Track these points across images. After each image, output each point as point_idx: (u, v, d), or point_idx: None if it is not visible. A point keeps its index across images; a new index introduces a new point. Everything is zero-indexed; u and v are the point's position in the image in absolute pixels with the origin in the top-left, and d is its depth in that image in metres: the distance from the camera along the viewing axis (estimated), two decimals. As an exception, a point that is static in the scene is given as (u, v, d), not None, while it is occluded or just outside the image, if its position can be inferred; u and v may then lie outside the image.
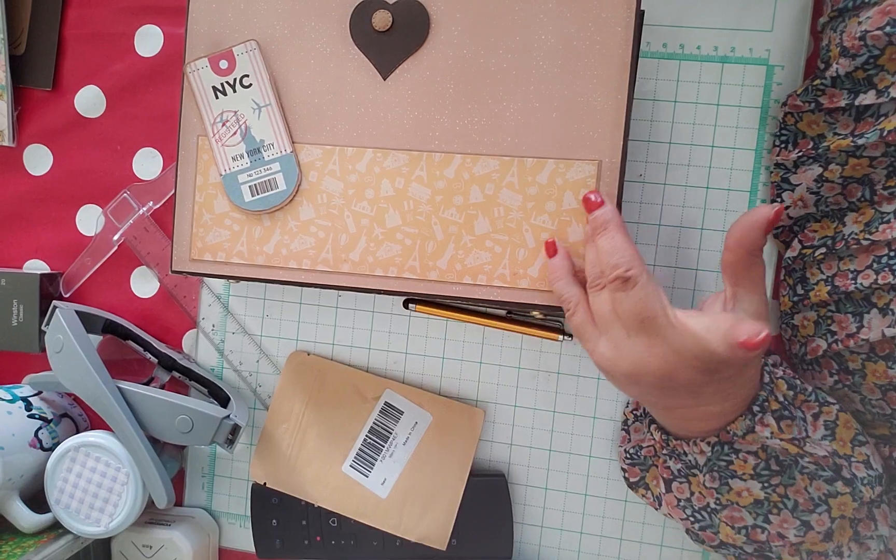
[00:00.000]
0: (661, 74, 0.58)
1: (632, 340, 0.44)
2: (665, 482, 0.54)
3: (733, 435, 0.48)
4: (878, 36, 0.47)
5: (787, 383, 0.49)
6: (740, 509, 0.50)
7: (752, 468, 0.49)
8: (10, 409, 0.59)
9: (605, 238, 0.46)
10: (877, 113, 0.49)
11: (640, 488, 0.58)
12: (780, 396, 0.48)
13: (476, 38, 0.51)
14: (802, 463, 0.48)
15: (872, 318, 0.49)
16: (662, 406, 0.49)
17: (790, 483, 0.49)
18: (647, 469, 0.57)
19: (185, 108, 0.54)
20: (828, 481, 0.48)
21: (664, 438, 0.52)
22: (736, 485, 0.50)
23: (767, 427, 0.47)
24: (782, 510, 0.49)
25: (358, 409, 0.61)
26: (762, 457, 0.49)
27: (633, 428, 0.58)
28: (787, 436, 0.47)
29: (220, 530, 0.66)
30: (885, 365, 0.49)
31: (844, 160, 0.51)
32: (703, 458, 0.49)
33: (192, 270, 0.55)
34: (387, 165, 0.52)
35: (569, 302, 0.48)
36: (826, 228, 0.54)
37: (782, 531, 0.50)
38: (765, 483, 0.49)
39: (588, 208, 0.48)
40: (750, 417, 0.47)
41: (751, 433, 0.47)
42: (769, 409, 0.47)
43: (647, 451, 0.56)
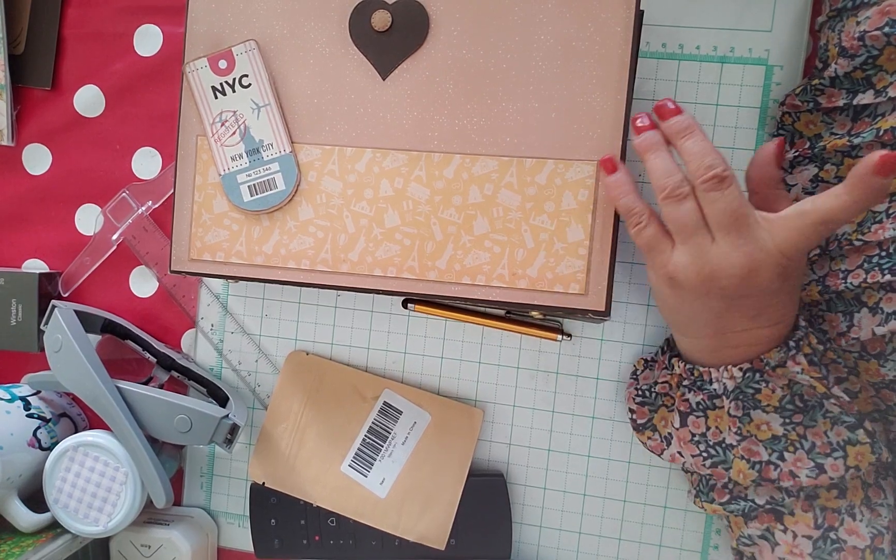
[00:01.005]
0: (661, 74, 0.58)
1: (718, 243, 0.45)
2: (681, 416, 0.54)
3: (766, 364, 0.48)
4: (877, 36, 0.47)
5: (817, 338, 0.49)
6: (757, 443, 0.51)
7: (778, 400, 0.49)
8: (8, 408, 0.59)
9: (693, 140, 0.46)
10: (874, 112, 0.50)
11: (647, 430, 0.58)
12: (812, 346, 0.49)
13: (475, 38, 0.51)
14: (827, 405, 0.49)
15: (862, 317, 0.50)
16: (716, 327, 0.49)
17: (811, 424, 0.49)
18: (656, 409, 0.57)
19: (184, 107, 0.54)
20: (850, 428, 0.49)
21: (688, 368, 0.52)
22: (757, 416, 0.50)
23: (799, 365, 0.48)
24: (798, 450, 0.50)
25: (357, 408, 0.61)
26: (788, 392, 0.49)
27: (643, 376, 0.58)
28: (818, 373, 0.48)
29: (219, 530, 0.66)
30: (877, 363, 0.50)
31: (840, 160, 0.51)
32: (732, 384, 0.50)
33: (191, 270, 0.55)
34: (386, 165, 0.52)
35: (641, 214, 0.48)
36: None
37: (795, 470, 0.50)
38: (786, 419, 0.50)
39: (663, 116, 0.48)
40: (784, 350, 0.48)
41: (782, 366, 0.48)
42: (802, 350, 0.48)
43: (660, 389, 0.56)
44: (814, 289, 0.53)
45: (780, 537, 0.51)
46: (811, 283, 0.53)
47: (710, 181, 0.45)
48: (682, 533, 0.60)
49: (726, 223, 0.45)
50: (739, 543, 0.54)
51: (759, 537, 0.53)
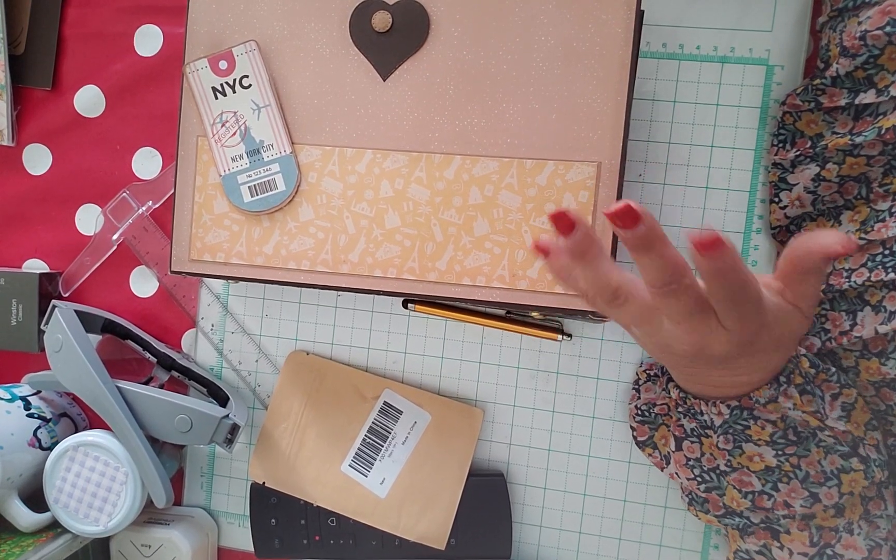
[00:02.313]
0: (661, 74, 0.58)
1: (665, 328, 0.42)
2: (676, 440, 0.54)
3: (755, 401, 0.47)
4: (878, 35, 0.47)
5: (809, 361, 0.48)
6: (750, 474, 0.50)
7: (769, 435, 0.48)
8: (8, 408, 0.59)
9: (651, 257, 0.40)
10: (875, 111, 0.50)
11: (648, 447, 0.58)
12: (803, 372, 0.47)
13: (476, 39, 0.51)
14: (821, 436, 0.48)
15: (865, 315, 0.50)
16: (690, 373, 0.48)
17: (805, 454, 0.49)
18: (657, 428, 0.57)
19: (184, 108, 0.54)
20: (843, 456, 0.48)
21: (681, 396, 0.52)
22: (749, 449, 0.49)
23: (790, 399, 0.47)
24: (792, 480, 0.49)
25: (357, 408, 0.61)
26: (780, 426, 0.48)
27: (644, 388, 0.58)
28: (811, 408, 0.47)
29: (219, 530, 0.66)
30: (878, 361, 0.50)
31: (842, 159, 0.51)
32: (720, 420, 0.49)
33: (192, 271, 0.55)
34: (386, 166, 0.52)
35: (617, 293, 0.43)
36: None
37: (789, 500, 0.49)
38: (779, 451, 0.49)
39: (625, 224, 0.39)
40: (774, 387, 0.46)
41: (773, 403, 0.47)
42: (794, 382, 0.47)
43: (659, 409, 0.56)
44: None
45: (776, 554, 0.51)
46: None
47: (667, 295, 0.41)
48: (683, 533, 0.60)
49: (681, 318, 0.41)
50: (736, 557, 0.54)
51: (757, 552, 0.53)
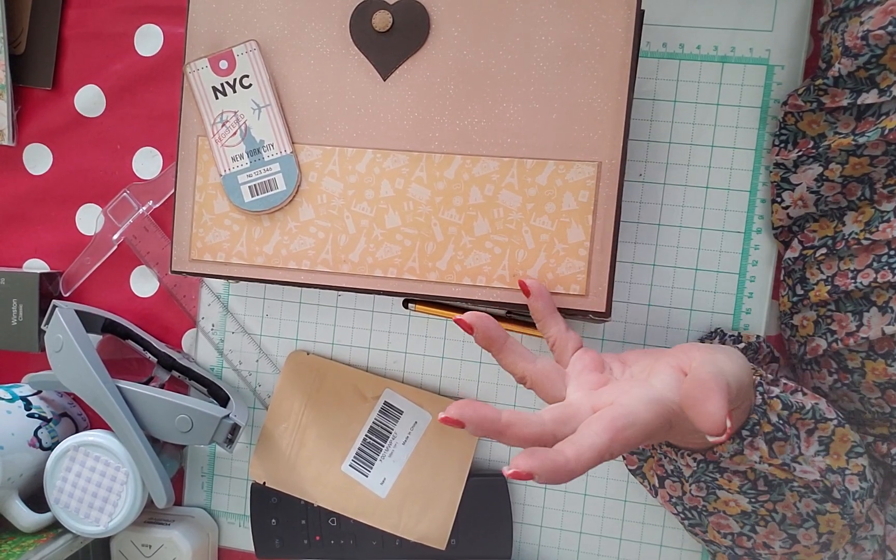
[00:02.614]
0: (661, 74, 0.58)
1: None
2: (659, 478, 0.54)
3: (720, 455, 0.47)
4: (881, 35, 0.47)
5: (782, 402, 0.47)
6: (727, 517, 0.50)
7: (738, 487, 0.48)
8: (9, 408, 0.59)
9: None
10: (878, 112, 0.50)
11: (638, 476, 0.58)
12: (774, 417, 0.47)
13: (476, 39, 0.51)
14: (792, 484, 0.48)
15: (872, 316, 0.50)
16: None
17: (779, 499, 0.48)
18: (646, 459, 0.57)
19: (184, 108, 0.54)
20: (817, 501, 0.48)
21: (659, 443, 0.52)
22: (723, 495, 0.49)
23: (757, 451, 0.46)
24: (769, 523, 0.49)
25: (357, 408, 0.61)
26: (750, 477, 0.48)
27: None
28: (777, 461, 0.46)
29: (220, 530, 0.66)
30: (884, 363, 0.50)
31: (845, 159, 0.51)
32: (689, 471, 0.49)
33: (192, 270, 0.55)
34: (387, 166, 0.52)
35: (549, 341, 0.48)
36: (826, 228, 0.54)
37: (768, 541, 0.50)
38: (752, 499, 0.48)
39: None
40: (738, 441, 0.46)
41: (739, 455, 0.46)
42: (760, 433, 0.46)
43: (644, 445, 0.56)
44: (822, 288, 0.52)
45: None
46: (819, 282, 0.53)
47: None
48: (683, 533, 0.60)
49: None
50: None
51: None
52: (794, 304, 0.55)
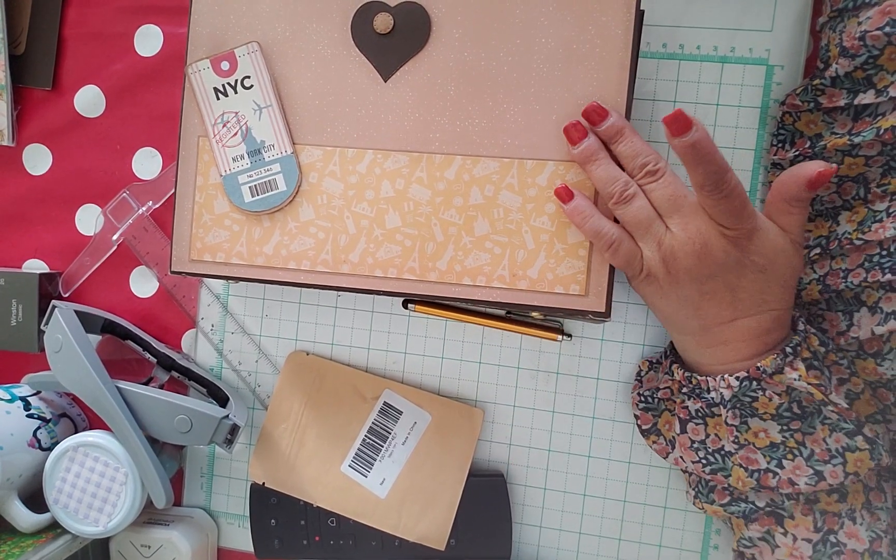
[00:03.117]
0: (661, 74, 0.58)
1: (670, 228, 0.48)
2: (681, 422, 0.54)
3: (763, 371, 0.48)
4: (878, 36, 0.47)
5: (819, 339, 0.50)
6: (756, 451, 0.51)
7: (776, 408, 0.49)
8: (8, 408, 0.59)
9: (625, 144, 0.49)
10: (875, 112, 0.50)
11: (652, 435, 0.58)
12: (812, 348, 0.49)
13: (477, 40, 0.51)
14: (825, 412, 0.49)
15: (862, 316, 0.50)
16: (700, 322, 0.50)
17: (809, 431, 0.49)
18: (660, 414, 0.57)
19: (185, 108, 0.54)
20: (848, 434, 0.48)
21: (686, 376, 0.53)
22: (755, 424, 0.50)
23: (797, 370, 0.48)
24: (797, 457, 0.50)
25: (357, 408, 0.61)
26: (786, 399, 0.49)
27: (647, 378, 0.58)
28: (815, 381, 0.48)
29: (219, 530, 0.66)
30: (874, 362, 0.50)
31: (841, 159, 0.51)
32: (730, 393, 0.50)
33: (192, 271, 0.55)
34: (387, 167, 0.52)
35: (611, 235, 0.49)
36: (820, 228, 0.54)
37: (794, 477, 0.50)
38: (784, 427, 0.49)
39: (592, 121, 0.49)
40: (781, 357, 0.48)
41: (779, 373, 0.48)
42: (801, 355, 0.48)
43: (662, 394, 0.56)
44: (814, 288, 0.53)
45: (780, 540, 0.52)
46: (811, 281, 0.53)
47: (645, 177, 0.48)
48: (682, 533, 0.61)
49: (668, 207, 0.48)
50: (740, 545, 0.54)
51: (760, 539, 0.53)
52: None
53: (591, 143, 0.49)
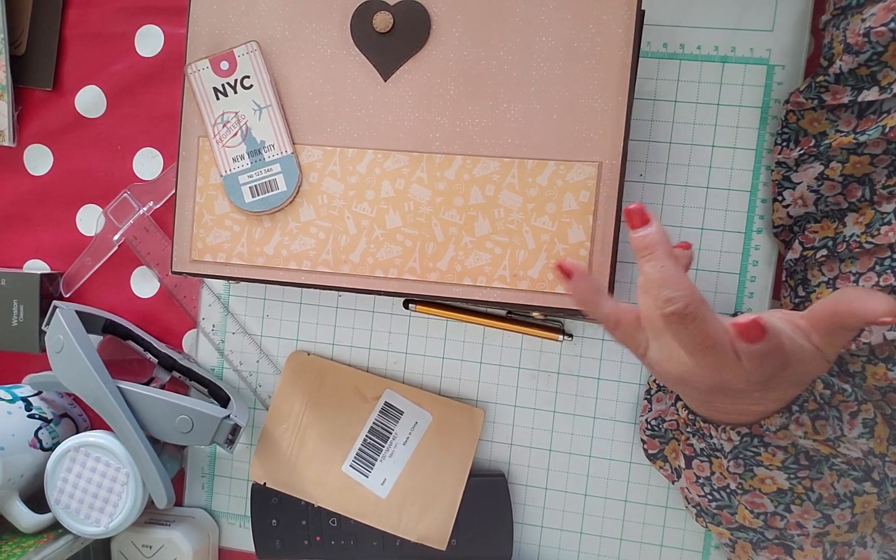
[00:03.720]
0: (662, 74, 0.58)
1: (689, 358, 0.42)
2: (686, 458, 0.53)
3: (766, 429, 0.46)
4: (882, 32, 0.47)
5: (823, 382, 0.47)
6: (762, 496, 0.49)
7: (781, 462, 0.47)
8: (10, 408, 0.59)
9: (652, 265, 0.42)
10: (879, 110, 0.49)
11: (659, 460, 0.57)
12: (818, 395, 0.46)
13: (477, 39, 0.51)
14: (833, 461, 0.47)
15: None
16: (702, 401, 0.47)
17: (817, 478, 0.48)
18: (668, 442, 0.56)
19: (185, 108, 0.54)
20: (857, 480, 0.48)
21: (690, 417, 0.50)
22: (761, 472, 0.48)
23: (802, 427, 0.45)
24: (805, 502, 0.48)
25: (358, 409, 0.61)
26: (792, 452, 0.47)
27: (656, 397, 0.58)
28: (821, 437, 0.46)
29: (220, 530, 0.66)
30: (885, 367, 0.49)
31: (845, 158, 0.51)
32: (730, 446, 0.48)
33: (193, 271, 0.55)
34: (387, 166, 0.52)
35: (607, 320, 0.45)
36: (826, 229, 0.54)
37: (802, 521, 0.49)
38: (791, 475, 0.48)
39: (631, 224, 0.43)
40: (786, 415, 0.45)
41: (784, 430, 0.46)
42: (807, 409, 0.45)
43: (669, 425, 0.56)
44: (824, 291, 0.52)
45: None
46: (820, 284, 0.53)
47: (669, 316, 0.40)
48: (684, 533, 0.60)
49: (693, 350, 0.41)
50: None
51: None
52: (795, 306, 0.55)
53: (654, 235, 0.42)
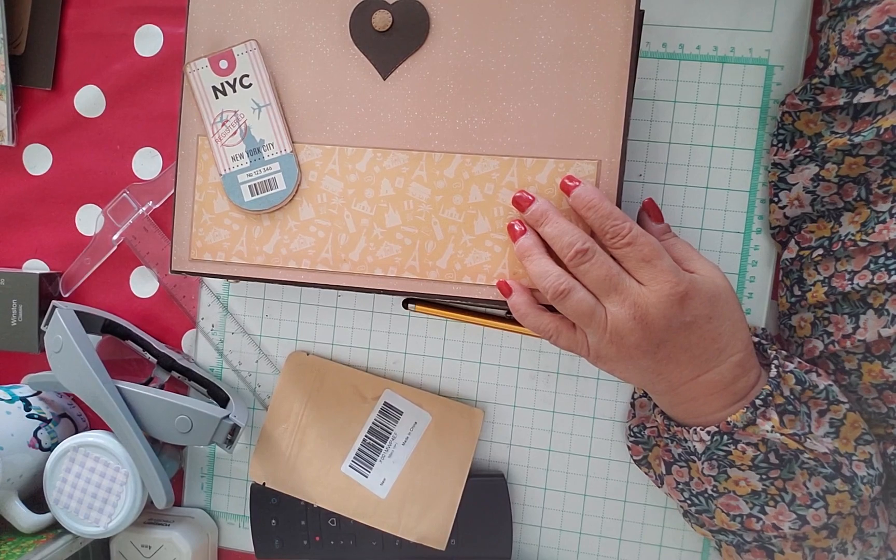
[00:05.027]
0: (661, 74, 0.58)
1: (609, 309, 0.47)
2: (666, 464, 0.55)
3: (733, 426, 0.48)
4: (877, 34, 0.47)
5: (795, 377, 0.49)
6: (737, 498, 0.51)
7: (751, 459, 0.49)
8: (9, 409, 0.59)
9: (549, 225, 0.49)
10: (874, 111, 0.50)
11: (643, 466, 0.58)
12: (787, 390, 0.48)
13: (476, 38, 0.51)
14: (803, 458, 0.48)
15: (868, 318, 0.50)
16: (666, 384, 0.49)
17: (789, 477, 0.49)
18: (650, 448, 0.57)
19: (184, 107, 0.54)
20: (827, 478, 0.48)
21: (666, 423, 0.53)
22: (734, 473, 0.50)
23: (769, 420, 0.47)
24: (779, 503, 0.50)
25: (357, 409, 0.61)
26: (762, 449, 0.49)
27: (639, 403, 0.58)
28: (789, 431, 0.47)
29: (220, 530, 0.66)
30: (880, 364, 0.50)
31: (841, 159, 0.51)
32: (702, 446, 0.50)
33: (192, 270, 0.55)
34: (387, 165, 0.52)
35: (548, 330, 0.50)
36: (822, 229, 0.54)
37: (777, 522, 0.50)
38: (763, 475, 0.49)
39: (519, 207, 0.50)
40: (752, 410, 0.48)
41: (751, 425, 0.48)
42: (773, 404, 0.48)
43: (650, 431, 0.57)
44: (819, 289, 0.53)
45: None
46: (816, 283, 0.53)
47: (575, 257, 0.47)
48: (683, 533, 0.60)
49: (603, 288, 0.47)
50: None
51: None
52: (791, 305, 0.55)
53: (526, 238, 0.50)
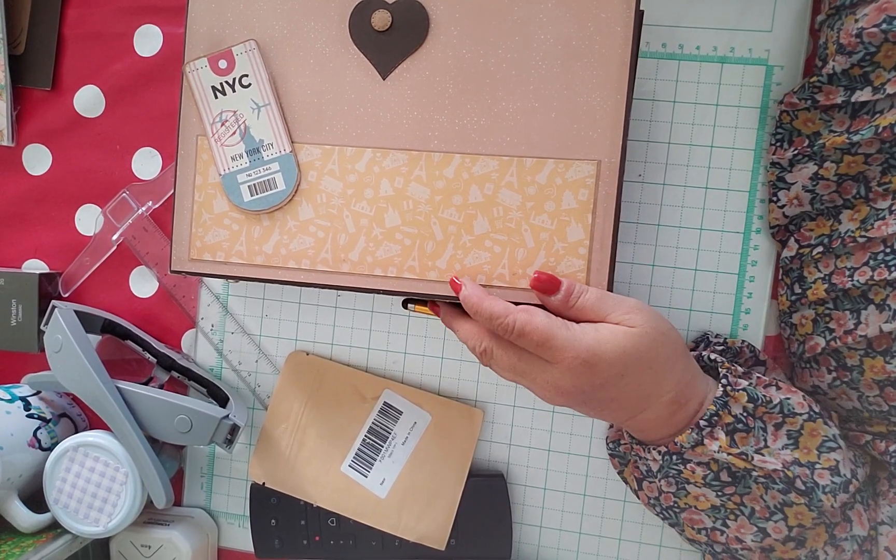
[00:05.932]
0: (661, 74, 0.58)
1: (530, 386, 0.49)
2: (636, 480, 0.56)
3: (681, 446, 0.49)
4: (875, 33, 0.47)
5: (748, 395, 0.49)
6: (699, 512, 0.51)
7: (702, 478, 0.50)
8: (8, 408, 0.59)
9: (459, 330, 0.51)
10: (872, 110, 0.50)
11: (622, 479, 0.59)
12: (738, 408, 0.48)
13: (475, 38, 0.51)
14: (753, 474, 0.49)
15: (870, 314, 0.50)
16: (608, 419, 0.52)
17: (746, 492, 0.49)
18: (626, 463, 0.58)
19: (184, 107, 0.54)
20: (781, 492, 0.49)
21: (630, 441, 0.54)
22: (692, 490, 0.51)
23: (716, 440, 0.48)
24: (739, 516, 0.50)
25: (357, 408, 0.61)
26: (714, 468, 0.49)
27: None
28: (736, 450, 0.48)
29: (219, 530, 0.66)
30: (882, 360, 0.50)
31: (839, 158, 0.51)
32: (656, 466, 0.51)
33: (191, 270, 0.55)
34: (386, 165, 0.52)
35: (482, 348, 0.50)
36: (822, 227, 0.54)
37: (740, 536, 0.50)
38: (718, 491, 0.50)
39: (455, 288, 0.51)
40: (697, 431, 0.48)
41: (699, 446, 0.48)
42: (720, 423, 0.48)
43: (624, 447, 0.57)
44: (820, 287, 0.53)
45: None
46: (816, 280, 0.53)
47: (481, 358, 0.49)
48: (683, 533, 0.60)
49: (515, 376, 0.48)
50: None
51: None
52: (792, 303, 0.56)
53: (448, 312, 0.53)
